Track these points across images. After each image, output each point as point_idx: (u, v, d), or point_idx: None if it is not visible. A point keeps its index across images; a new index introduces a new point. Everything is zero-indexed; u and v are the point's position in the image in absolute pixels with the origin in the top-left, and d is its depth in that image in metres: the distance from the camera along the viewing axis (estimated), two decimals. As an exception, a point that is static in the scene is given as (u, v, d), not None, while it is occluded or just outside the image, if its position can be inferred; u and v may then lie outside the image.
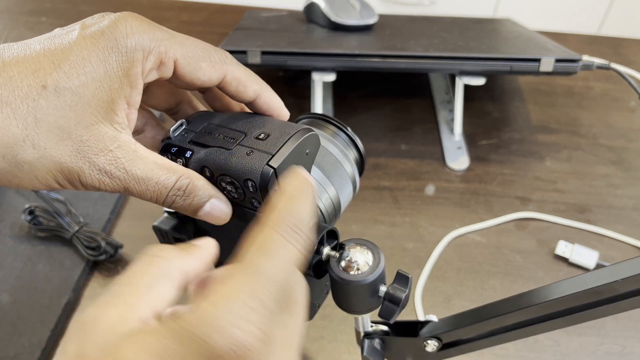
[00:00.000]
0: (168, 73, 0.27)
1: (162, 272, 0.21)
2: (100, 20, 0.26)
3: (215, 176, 0.27)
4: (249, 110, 0.32)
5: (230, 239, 0.27)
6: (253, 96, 0.30)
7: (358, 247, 0.30)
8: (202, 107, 0.34)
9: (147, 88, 0.30)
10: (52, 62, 0.24)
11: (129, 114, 0.27)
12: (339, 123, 0.34)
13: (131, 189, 0.26)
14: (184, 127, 0.29)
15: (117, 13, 0.26)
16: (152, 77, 0.27)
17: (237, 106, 0.33)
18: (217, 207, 0.28)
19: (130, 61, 0.25)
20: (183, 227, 0.33)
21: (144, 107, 0.32)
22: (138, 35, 0.26)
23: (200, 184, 0.27)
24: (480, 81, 0.67)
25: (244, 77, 0.29)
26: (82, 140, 0.25)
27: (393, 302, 0.29)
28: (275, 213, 0.22)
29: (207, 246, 0.24)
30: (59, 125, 0.24)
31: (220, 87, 0.30)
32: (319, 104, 0.70)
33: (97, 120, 0.25)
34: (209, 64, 0.28)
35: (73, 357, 0.19)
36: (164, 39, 0.26)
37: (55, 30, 0.26)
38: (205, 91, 0.32)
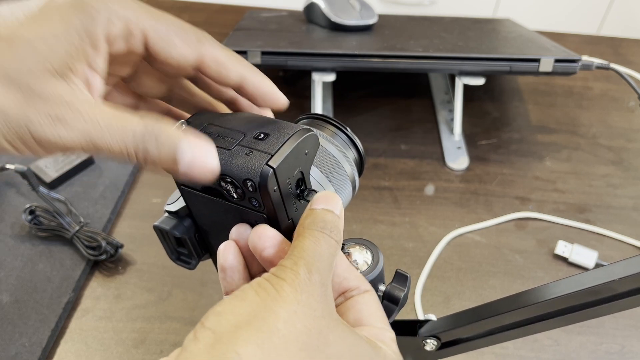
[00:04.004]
0: (137, 45, 0.26)
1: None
2: None
3: None
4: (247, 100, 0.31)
5: None
6: (237, 79, 0.28)
7: (357, 247, 0.30)
8: (199, 91, 0.33)
9: (134, 75, 0.29)
10: (11, 14, 0.24)
11: (90, 78, 0.25)
12: (338, 123, 0.34)
13: (95, 140, 0.24)
14: (183, 127, 0.29)
15: None
16: (120, 46, 0.26)
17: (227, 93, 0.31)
18: (198, 152, 0.25)
19: (93, 21, 0.24)
20: (183, 226, 0.33)
21: (138, 94, 0.31)
22: (108, 0, 0.25)
23: (169, 125, 0.25)
24: (479, 81, 0.67)
25: (223, 57, 0.27)
26: (31, 89, 0.23)
27: (392, 301, 0.30)
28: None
29: None
30: (6, 74, 0.23)
31: (200, 71, 0.28)
32: (318, 104, 0.70)
33: (52, 74, 0.24)
34: (183, 41, 0.27)
35: None
36: (134, 9, 0.26)
37: None
38: (192, 78, 0.31)
